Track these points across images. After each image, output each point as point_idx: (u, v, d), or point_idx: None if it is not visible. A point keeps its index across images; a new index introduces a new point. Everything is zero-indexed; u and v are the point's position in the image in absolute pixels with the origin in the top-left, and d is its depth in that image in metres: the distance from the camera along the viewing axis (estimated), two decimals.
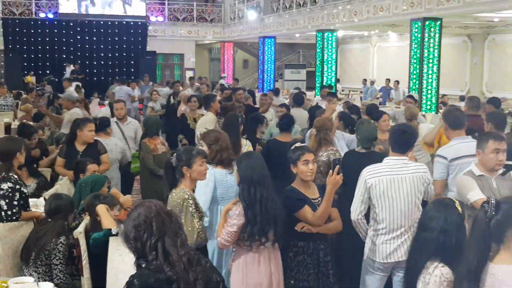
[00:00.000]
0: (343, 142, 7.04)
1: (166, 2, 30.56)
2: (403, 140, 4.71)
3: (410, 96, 11.72)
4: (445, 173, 5.32)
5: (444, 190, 5.32)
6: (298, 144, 4.68)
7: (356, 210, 4.66)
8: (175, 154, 4.61)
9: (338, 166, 4.33)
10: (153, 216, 2.85)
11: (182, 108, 12.12)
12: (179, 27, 30.47)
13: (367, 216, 4.74)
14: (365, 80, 25.10)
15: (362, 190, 4.61)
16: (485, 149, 4.61)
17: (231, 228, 4.24)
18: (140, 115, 16.48)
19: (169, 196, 4.48)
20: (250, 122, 7.72)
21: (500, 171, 4.63)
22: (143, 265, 2.83)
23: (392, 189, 4.55)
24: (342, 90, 27.30)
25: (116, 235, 4.55)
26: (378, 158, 5.14)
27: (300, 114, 9.69)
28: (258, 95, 20.57)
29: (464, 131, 5.61)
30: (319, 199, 4.50)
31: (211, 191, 5.20)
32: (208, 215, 5.13)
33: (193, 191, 4.83)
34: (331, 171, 4.33)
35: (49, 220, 5.02)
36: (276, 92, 15.79)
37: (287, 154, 4.64)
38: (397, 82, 20.96)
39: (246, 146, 6.53)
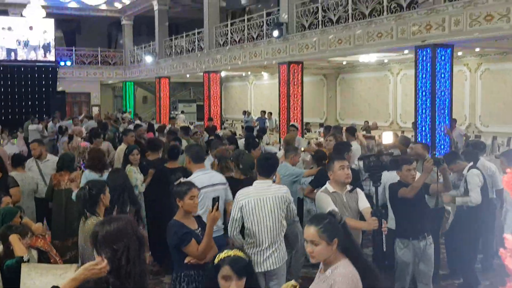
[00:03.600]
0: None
1: (73, 49, 29.60)
2: (267, 166, 4.71)
3: (293, 125, 11.86)
4: None
5: None
6: (183, 179, 4.36)
7: (232, 228, 4.58)
8: (87, 187, 4.48)
9: (217, 203, 4.01)
10: (130, 243, 2.63)
11: (79, 139, 11.63)
12: (86, 70, 29.58)
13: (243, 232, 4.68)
14: (244, 111, 25.41)
15: (235, 210, 4.54)
16: (333, 168, 4.75)
17: None
18: None
19: (83, 224, 4.35)
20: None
21: (348, 188, 4.79)
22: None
23: (258, 207, 4.51)
24: (227, 120, 27.53)
25: (28, 261, 4.29)
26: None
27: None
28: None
29: (204, 164, 5.56)
30: (199, 229, 4.23)
31: None
32: None
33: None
34: (210, 207, 4.03)
35: None
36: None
37: (170, 177, 4.55)
38: (270, 113, 21.41)
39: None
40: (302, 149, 8.35)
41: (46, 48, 27.60)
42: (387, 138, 6.13)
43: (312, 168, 7.12)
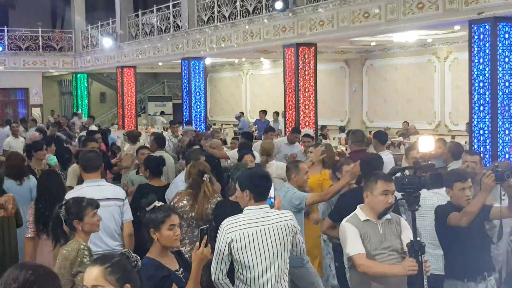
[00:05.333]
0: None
1: (6, 29, 29.62)
2: (264, 185, 4.68)
3: (307, 135, 11.59)
4: None
5: None
6: (157, 203, 4.33)
7: (216, 270, 4.54)
8: (63, 207, 4.79)
9: (206, 236, 4.01)
10: None
11: None
12: (22, 57, 29.60)
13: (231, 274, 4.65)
14: (241, 114, 25.36)
15: (221, 246, 4.50)
16: (374, 190, 4.72)
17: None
18: None
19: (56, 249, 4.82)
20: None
21: (389, 216, 4.77)
22: None
23: (254, 242, 4.49)
24: (214, 124, 27.53)
25: None
26: None
27: (166, 157, 9.54)
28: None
29: (100, 173, 6.26)
30: (181, 270, 4.21)
31: None
32: None
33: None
34: (197, 243, 4.01)
35: None
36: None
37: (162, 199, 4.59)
38: (277, 113, 21.36)
39: None
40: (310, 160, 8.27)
41: None
42: (426, 144, 6.00)
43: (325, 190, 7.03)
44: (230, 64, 28.99)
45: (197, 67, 21.40)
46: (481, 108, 12.00)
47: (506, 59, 11.83)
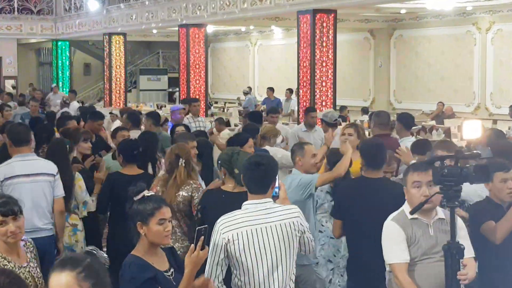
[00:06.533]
0: None
1: None
2: (253, 174, 4.62)
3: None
4: None
5: None
6: (147, 192, 4.27)
7: (211, 275, 4.49)
8: None
9: (203, 237, 4.00)
10: None
11: None
12: None
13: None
14: (249, 89, 25.33)
15: (216, 248, 4.47)
16: (407, 183, 4.74)
17: None
18: None
19: None
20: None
21: (441, 215, 4.71)
22: None
23: (255, 244, 4.48)
24: (216, 102, 27.53)
25: None
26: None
27: None
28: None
29: (30, 147, 6.84)
30: (171, 270, 4.17)
31: None
32: None
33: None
34: (192, 245, 4.00)
35: None
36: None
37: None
38: (290, 90, 21.31)
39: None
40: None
41: None
42: (472, 130, 5.87)
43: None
44: (235, 32, 28.96)
45: (197, 36, 21.35)
46: None
47: None
